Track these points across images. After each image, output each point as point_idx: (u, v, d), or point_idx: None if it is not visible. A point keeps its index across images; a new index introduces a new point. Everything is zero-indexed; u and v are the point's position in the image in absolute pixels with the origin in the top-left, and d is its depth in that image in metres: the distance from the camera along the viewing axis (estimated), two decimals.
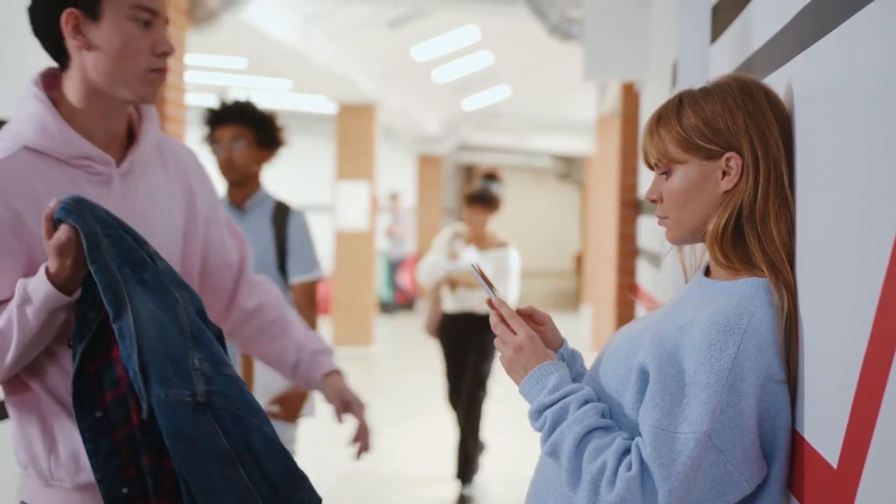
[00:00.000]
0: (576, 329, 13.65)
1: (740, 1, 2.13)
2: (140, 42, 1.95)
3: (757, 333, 1.49)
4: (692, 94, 1.64)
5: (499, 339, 1.70)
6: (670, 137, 1.62)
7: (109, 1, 1.93)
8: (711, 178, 1.60)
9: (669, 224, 1.66)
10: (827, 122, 1.42)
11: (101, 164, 1.98)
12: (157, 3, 1.98)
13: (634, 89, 6.49)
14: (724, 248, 1.59)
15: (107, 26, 1.93)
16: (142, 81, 1.98)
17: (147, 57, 1.96)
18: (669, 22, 4.39)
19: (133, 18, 1.94)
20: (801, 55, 1.57)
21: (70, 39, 1.94)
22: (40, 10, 1.96)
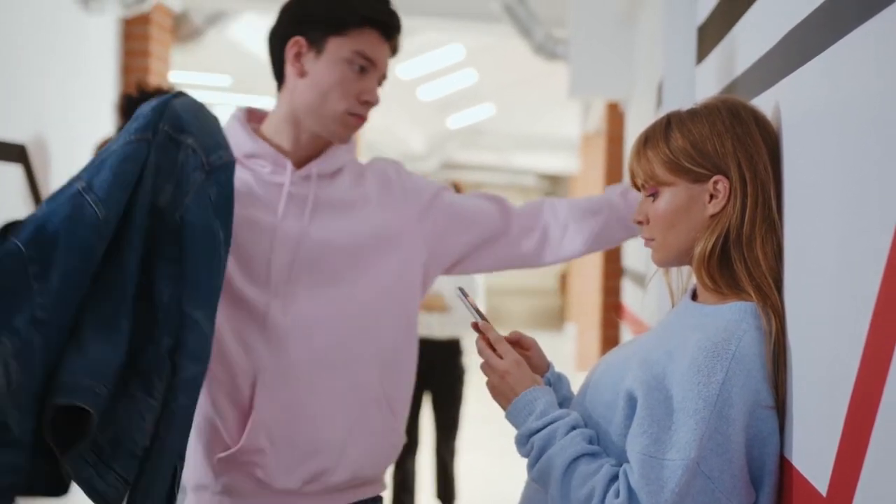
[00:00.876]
0: (560, 348, 13.63)
1: (726, 22, 2.13)
2: (350, 85, 2.06)
3: (745, 359, 1.47)
4: (680, 115, 1.63)
5: (485, 364, 1.69)
6: (658, 159, 1.61)
7: (335, 40, 2.05)
8: (699, 201, 1.59)
9: (656, 246, 1.65)
10: (815, 146, 1.41)
11: (273, 163, 2.08)
12: (379, 56, 2.09)
13: (619, 108, 6.50)
14: (710, 272, 1.57)
15: (325, 62, 2.05)
16: (337, 122, 2.08)
17: (350, 101, 2.07)
18: (655, 42, 4.39)
19: (351, 62, 2.05)
20: (788, 77, 1.56)
21: (289, 64, 2.08)
22: (277, 31, 2.10)
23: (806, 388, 1.42)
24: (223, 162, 1.91)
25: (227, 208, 1.90)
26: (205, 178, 1.88)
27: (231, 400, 2.03)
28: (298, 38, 2.06)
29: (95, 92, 5.60)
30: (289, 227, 2.04)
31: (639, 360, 1.55)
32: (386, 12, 2.10)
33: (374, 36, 2.08)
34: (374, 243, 2.09)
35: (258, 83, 10.59)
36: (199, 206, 1.85)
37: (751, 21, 1.84)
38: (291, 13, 2.10)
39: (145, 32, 5.90)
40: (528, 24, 6.08)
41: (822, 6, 1.37)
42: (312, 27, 2.05)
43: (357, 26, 2.05)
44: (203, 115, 1.96)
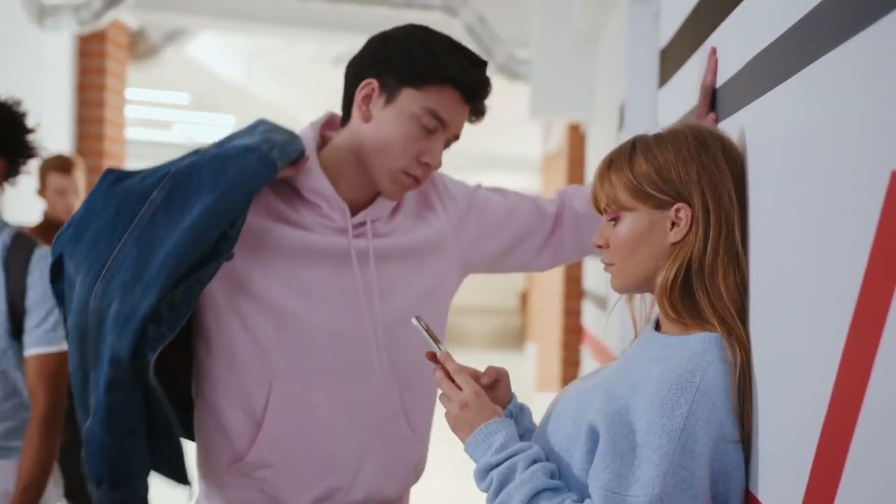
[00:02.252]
0: (520, 368, 13.60)
1: (689, 45, 2.11)
2: (412, 143, 1.89)
3: (710, 392, 1.44)
4: (646, 140, 1.60)
5: (444, 396, 1.64)
6: (621, 183, 1.58)
7: (409, 91, 1.88)
8: (660, 229, 1.55)
9: (615, 272, 1.61)
10: (781, 174, 1.38)
11: (332, 207, 1.94)
12: (455, 118, 1.91)
13: (581, 129, 6.50)
14: (673, 303, 1.54)
15: (393, 113, 1.89)
16: (391, 178, 1.92)
17: (410, 160, 1.90)
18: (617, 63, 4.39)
19: (420, 119, 1.88)
20: (753, 103, 1.54)
21: (356, 105, 1.92)
22: (354, 67, 1.94)
23: (773, 422, 1.39)
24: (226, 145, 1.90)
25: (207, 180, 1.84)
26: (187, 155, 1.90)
27: (241, 407, 1.94)
28: (371, 81, 1.90)
29: (49, 109, 5.53)
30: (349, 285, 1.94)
31: (601, 393, 1.51)
32: (475, 75, 1.91)
33: (455, 97, 1.90)
34: (413, 261, 2.01)
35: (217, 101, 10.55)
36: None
37: (718, 43, 1.82)
38: (372, 51, 1.93)
39: (101, 50, 5.85)
40: (490, 45, 6.08)
41: (789, 31, 1.35)
42: (388, 72, 1.89)
43: (437, 83, 1.88)
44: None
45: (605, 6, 4.75)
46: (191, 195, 1.83)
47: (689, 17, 2.13)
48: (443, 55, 1.88)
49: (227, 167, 1.84)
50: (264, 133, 1.93)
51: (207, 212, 1.81)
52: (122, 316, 1.80)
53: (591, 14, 5.00)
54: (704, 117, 1.80)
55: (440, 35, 1.93)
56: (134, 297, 1.80)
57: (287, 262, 1.92)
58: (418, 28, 1.93)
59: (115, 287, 1.81)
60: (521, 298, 20.22)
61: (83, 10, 5.37)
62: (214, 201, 1.81)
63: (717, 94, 1.81)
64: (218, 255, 1.84)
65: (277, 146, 1.88)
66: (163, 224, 1.83)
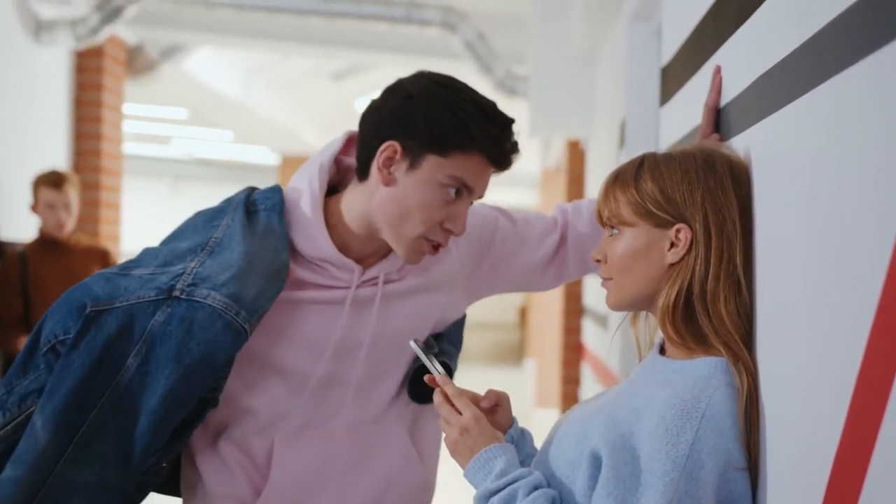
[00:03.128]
0: (519, 384, 13.56)
1: (692, 63, 2.08)
2: (436, 211, 1.79)
3: (715, 417, 1.41)
4: (655, 158, 1.58)
5: (443, 420, 1.62)
6: (625, 199, 1.56)
7: (432, 160, 1.77)
8: (658, 247, 1.53)
9: (610, 287, 1.59)
10: (788, 197, 1.35)
11: (341, 269, 1.85)
12: (480, 183, 1.82)
13: (580, 146, 6.48)
14: (676, 326, 1.52)
15: (416, 179, 1.78)
16: (410, 245, 1.82)
17: (433, 225, 1.80)
18: (616, 81, 4.37)
19: (445, 187, 1.78)
20: (760, 123, 1.51)
21: (376, 167, 1.80)
22: (373, 122, 1.82)
23: (783, 450, 1.36)
24: (196, 300, 1.75)
25: (173, 350, 1.74)
26: (155, 299, 1.76)
27: (247, 459, 1.88)
28: (393, 144, 1.78)
29: (46, 125, 5.51)
30: (352, 335, 1.87)
31: (604, 418, 1.48)
32: (502, 142, 1.81)
33: (481, 163, 1.80)
34: (427, 306, 1.95)
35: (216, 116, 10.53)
36: (117, 319, 1.75)
37: (721, 62, 1.79)
38: (393, 110, 1.80)
39: (98, 65, 5.83)
40: (489, 61, 6.06)
41: (797, 51, 1.32)
42: (412, 136, 1.77)
43: (464, 152, 1.78)
44: None
45: (603, 23, 4.74)
46: (161, 363, 1.73)
47: (691, 34, 2.11)
48: (471, 123, 1.77)
49: (191, 339, 1.72)
50: (235, 277, 1.76)
51: (172, 392, 1.72)
52: (96, 486, 1.74)
53: (589, 31, 4.99)
54: (708, 137, 1.78)
55: (464, 93, 1.81)
56: (111, 470, 1.74)
57: (288, 318, 1.85)
58: (442, 86, 1.81)
59: (90, 456, 1.73)
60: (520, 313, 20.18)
61: (80, 25, 5.35)
62: (177, 381, 1.72)
63: (720, 113, 1.78)
64: (203, 412, 1.80)
65: (246, 304, 1.74)
66: (137, 394, 1.73)
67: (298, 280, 1.84)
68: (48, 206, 4.46)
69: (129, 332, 1.74)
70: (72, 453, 1.72)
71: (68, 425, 1.71)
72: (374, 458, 1.92)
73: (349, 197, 1.86)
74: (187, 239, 1.86)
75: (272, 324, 1.83)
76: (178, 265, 1.79)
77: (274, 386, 1.86)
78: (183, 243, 1.85)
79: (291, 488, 1.87)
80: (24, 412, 1.75)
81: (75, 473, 1.72)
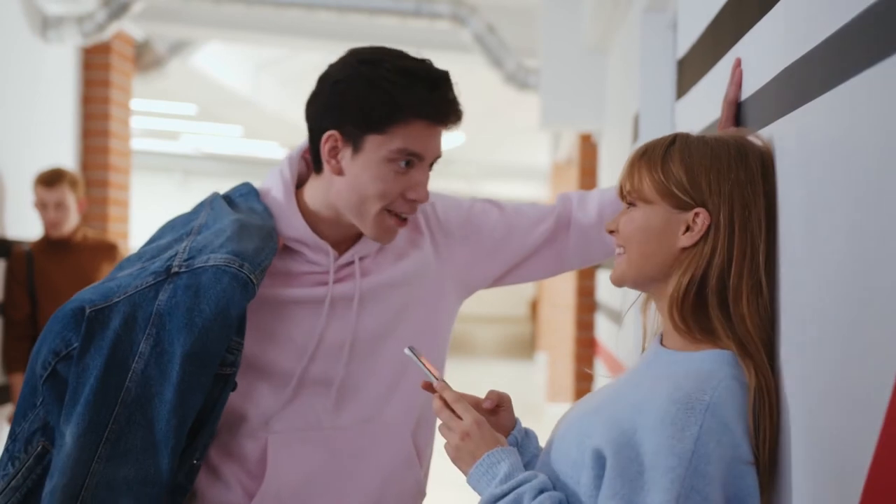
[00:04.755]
0: (530, 377, 13.53)
1: (710, 56, 2.03)
2: (391, 186, 1.79)
3: (721, 410, 1.37)
4: (686, 139, 1.54)
5: (443, 426, 1.57)
6: (649, 177, 1.52)
7: (373, 139, 1.77)
8: (673, 229, 1.49)
9: (620, 261, 1.55)
10: (814, 196, 1.31)
11: (316, 252, 1.86)
12: (430, 146, 1.80)
13: (592, 140, 6.43)
14: (683, 314, 1.47)
15: (363, 162, 1.78)
16: (376, 224, 1.82)
17: (395, 199, 1.80)
18: (628, 74, 4.31)
19: (393, 161, 1.77)
20: (783, 119, 1.46)
21: (325, 160, 1.82)
22: (312, 115, 1.84)
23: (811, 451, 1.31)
24: (198, 266, 1.75)
25: (183, 317, 1.72)
26: (155, 282, 1.75)
27: (239, 464, 1.86)
28: (333, 133, 1.79)
29: (53, 122, 5.48)
30: (334, 334, 1.87)
31: (605, 415, 1.45)
32: (436, 100, 1.79)
33: (423, 126, 1.78)
34: (408, 301, 1.93)
35: (225, 111, 10.51)
36: (120, 312, 1.73)
37: (741, 55, 1.74)
38: (323, 98, 1.82)
39: (105, 62, 5.80)
40: (499, 54, 6.01)
41: (823, 44, 1.27)
42: (346, 121, 1.78)
43: (401, 122, 1.77)
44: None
45: (615, 15, 4.69)
46: (174, 337, 1.72)
47: (709, 26, 2.06)
48: (397, 92, 1.76)
49: (200, 300, 1.72)
50: (230, 239, 1.78)
51: (190, 359, 1.71)
52: (136, 482, 1.73)
53: (601, 23, 4.94)
54: None
55: (386, 63, 1.79)
56: (147, 461, 1.73)
57: (271, 318, 1.84)
58: (365, 63, 1.80)
59: (123, 451, 1.72)
60: (531, 307, 20.15)
61: (87, 21, 5.31)
62: (193, 346, 1.71)
63: (740, 107, 1.74)
64: (223, 394, 1.78)
65: (248, 257, 1.75)
66: (155, 378, 1.73)
67: (279, 273, 1.85)
68: (41, 204, 4.46)
69: (134, 320, 1.73)
70: (104, 451, 1.71)
71: (94, 426, 1.70)
72: (372, 459, 1.90)
73: (310, 190, 1.88)
74: (168, 236, 1.86)
75: (257, 326, 1.82)
76: (168, 252, 1.80)
77: (261, 388, 1.85)
78: (164, 240, 1.85)
79: (285, 491, 1.85)
80: (32, 454, 1.76)
81: (112, 471, 1.72)
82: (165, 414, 1.72)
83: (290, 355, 1.85)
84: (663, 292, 1.51)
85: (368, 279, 1.89)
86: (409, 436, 1.93)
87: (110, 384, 1.71)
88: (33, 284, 4.46)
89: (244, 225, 1.80)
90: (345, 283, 1.87)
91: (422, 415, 1.96)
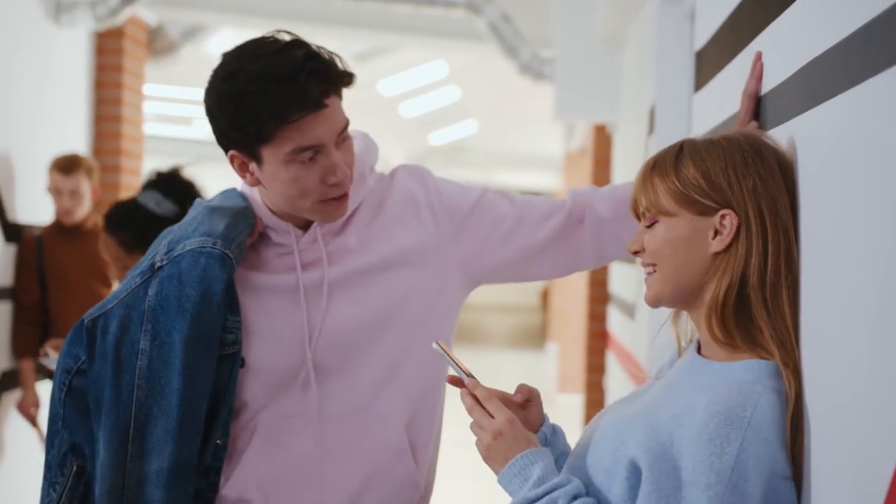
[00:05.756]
0: (541, 367, 13.50)
1: (729, 48, 2.00)
2: (306, 180, 1.79)
3: (762, 426, 1.34)
4: (695, 144, 1.50)
5: (475, 424, 1.54)
6: (665, 187, 1.48)
7: (266, 150, 1.78)
8: (702, 236, 1.45)
9: (651, 281, 1.50)
10: (839, 194, 1.27)
11: (280, 233, 1.90)
12: (321, 134, 1.77)
13: (607, 130, 6.39)
14: (724, 323, 1.43)
15: (269, 170, 1.80)
16: (317, 211, 1.84)
17: (318, 189, 1.80)
18: (644, 65, 4.27)
19: (295, 160, 1.77)
20: (806, 114, 1.43)
21: (240, 176, 1.87)
22: (216, 137, 1.84)
23: (833, 461, 1.28)
24: (176, 255, 1.83)
25: (173, 306, 1.80)
26: (142, 281, 1.84)
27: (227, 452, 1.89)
28: (233, 153, 1.81)
29: (65, 107, 5.46)
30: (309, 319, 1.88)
31: (642, 424, 1.41)
32: (300, 94, 1.73)
33: (305, 120, 1.75)
34: (407, 286, 1.91)
35: None
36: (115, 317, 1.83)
37: (762, 48, 1.71)
38: (211, 124, 1.83)
39: (118, 46, 5.77)
40: (514, 44, 5.97)
41: (850, 38, 1.24)
42: (235, 143, 1.80)
43: (278, 128, 1.74)
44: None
45: (631, 5, 4.65)
46: (171, 327, 1.80)
47: (729, 18, 2.03)
48: (259, 104, 1.72)
49: (185, 285, 1.80)
50: (201, 223, 1.86)
51: (189, 342, 1.79)
52: (168, 471, 1.79)
53: (616, 13, 4.90)
54: (746, 125, 1.70)
55: (242, 72, 1.75)
56: (175, 448, 1.79)
57: (252, 310, 1.88)
58: (224, 79, 1.77)
59: (149, 446, 1.79)
60: (542, 296, 20.11)
61: (100, 6, 5.28)
62: (190, 330, 1.79)
63: (760, 101, 1.70)
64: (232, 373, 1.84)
65: (219, 234, 1.82)
66: (160, 370, 1.80)
67: (255, 260, 1.90)
68: (56, 190, 4.43)
69: (129, 321, 1.82)
70: (133, 450, 1.79)
71: (119, 429, 1.79)
72: (359, 449, 1.89)
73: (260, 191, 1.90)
74: (156, 247, 1.91)
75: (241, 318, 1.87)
76: (152, 253, 1.88)
77: (248, 381, 1.87)
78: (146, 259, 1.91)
79: (267, 478, 1.86)
80: (69, 475, 1.84)
81: (145, 467, 1.79)
82: (176, 401, 1.78)
83: (274, 348, 1.87)
84: (698, 303, 1.47)
85: (344, 263, 1.90)
86: (403, 428, 1.91)
87: (123, 386, 1.80)
88: (43, 269, 4.44)
89: (214, 209, 1.89)
90: (316, 269, 1.89)
91: (420, 408, 1.94)
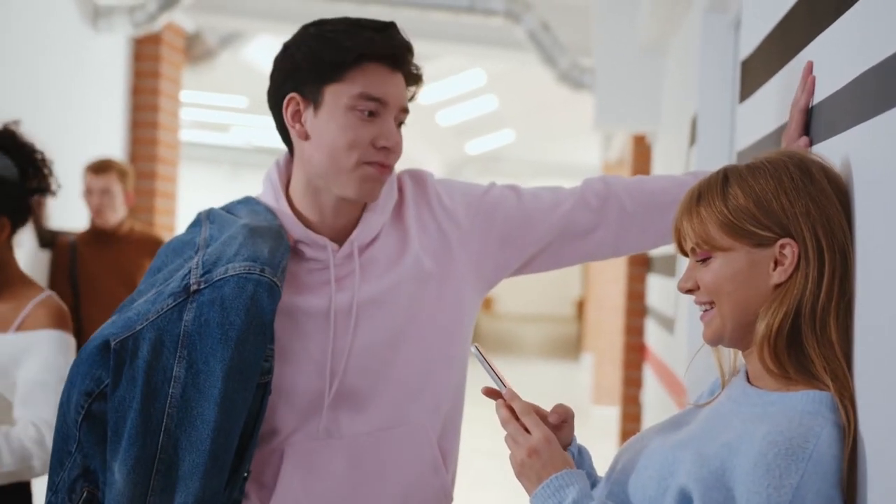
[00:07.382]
0: (576, 378, 13.41)
1: (777, 58, 1.93)
2: (359, 133, 1.76)
3: (823, 461, 1.27)
4: (738, 170, 1.42)
5: (509, 437, 1.48)
6: (713, 219, 1.40)
7: (331, 89, 1.76)
8: (762, 269, 1.38)
9: (710, 318, 1.43)
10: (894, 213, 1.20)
11: (314, 248, 1.82)
12: (391, 91, 1.77)
13: (646, 140, 6.32)
14: (777, 354, 1.36)
15: (325, 115, 1.77)
16: (355, 178, 1.77)
17: (365, 150, 1.76)
18: (686, 75, 4.21)
19: (355, 108, 1.75)
20: (859, 127, 1.36)
21: (290, 127, 1.81)
22: (272, 92, 1.83)
23: (888, 495, 1.20)
24: (217, 279, 1.71)
25: (215, 333, 1.68)
26: (176, 304, 1.71)
27: (253, 477, 1.80)
28: (293, 95, 1.78)
29: (102, 113, 5.46)
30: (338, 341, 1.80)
31: (692, 453, 1.35)
32: (386, 41, 1.78)
33: (379, 70, 1.77)
34: (419, 299, 1.85)
35: None
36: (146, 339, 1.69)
37: (812, 57, 1.64)
38: (278, 68, 1.82)
39: (156, 53, 5.77)
40: (553, 53, 5.91)
41: None
42: (302, 79, 1.77)
43: (353, 66, 1.76)
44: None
45: (674, 14, 4.58)
46: (209, 355, 1.68)
47: (776, 26, 1.96)
48: (344, 37, 1.76)
49: (229, 313, 1.68)
50: (243, 245, 1.75)
51: (231, 373, 1.67)
52: None
53: (658, 22, 4.83)
54: (796, 140, 1.63)
55: (334, 20, 1.81)
56: (200, 483, 1.68)
57: (284, 332, 1.78)
58: (310, 24, 1.82)
59: (174, 479, 1.69)
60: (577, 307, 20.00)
61: (138, 12, 5.28)
62: (232, 360, 1.67)
63: (810, 112, 1.63)
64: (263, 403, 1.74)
65: (265, 260, 1.72)
66: (194, 399, 1.68)
67: (288, 278, 1.80)
68: (87, 190, 4.44)
69: (162, 345, 1.70)
70: (156, 483, 1.68)
71: (143, 459, 1.67)
72: (395, 466, 1.83)
73: (293, 183, 1.86)
74: (175, 260, 1.82)
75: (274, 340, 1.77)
76: (181, 272, 1.75)
77: (279, 406, 1.79)
78: (171, 265, 1.81)
79: (304, 502, 1.79)
80: (77, 501, 1.72)
81: (167, 501, 1.69)
82: (210, 433, 1.67)
83: (307, 370, 1.79)
84: (755, 332, 1.39)
85: (374, 280, 1.83)
86: (435, 440, 1.86)
87: (151, 414, 1.68)
88: (75, 276, 4.43)
89: (253, 229, 1.78)
90: (347, 288, 1.82)
91: (448, 418, 1.89)
